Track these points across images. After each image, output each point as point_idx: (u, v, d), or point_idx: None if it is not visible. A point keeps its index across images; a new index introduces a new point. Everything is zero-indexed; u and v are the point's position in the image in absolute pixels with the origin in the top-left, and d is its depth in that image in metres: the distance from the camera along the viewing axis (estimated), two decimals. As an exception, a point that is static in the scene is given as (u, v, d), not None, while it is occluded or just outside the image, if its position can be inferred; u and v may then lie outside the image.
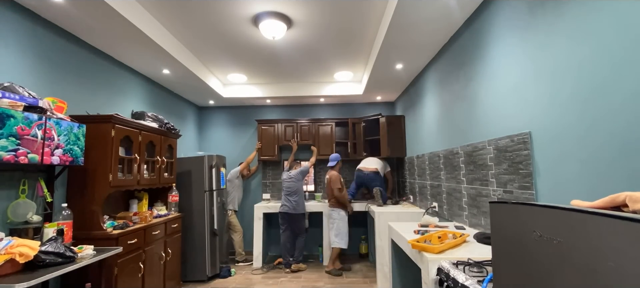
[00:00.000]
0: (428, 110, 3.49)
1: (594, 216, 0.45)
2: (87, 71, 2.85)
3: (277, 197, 5.33)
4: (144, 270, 2.83)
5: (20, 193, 2.13)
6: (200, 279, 3.90)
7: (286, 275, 4.18)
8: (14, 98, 1.89)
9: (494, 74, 2.12)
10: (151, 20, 2.81)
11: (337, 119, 5.15)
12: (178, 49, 3.33)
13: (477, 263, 1.44)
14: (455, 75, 2.75)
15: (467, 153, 2.50)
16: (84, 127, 2.39)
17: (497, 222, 0.70)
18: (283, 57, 3.82)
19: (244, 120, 5.51)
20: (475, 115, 2.39)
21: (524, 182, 1.78)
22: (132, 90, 3.54)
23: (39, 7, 2.26)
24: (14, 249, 1.68)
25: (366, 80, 4.18)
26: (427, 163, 3.54)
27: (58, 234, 2.12)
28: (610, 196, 0.51)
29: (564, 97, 1.48)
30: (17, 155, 1.85)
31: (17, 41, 2.19)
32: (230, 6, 2.68)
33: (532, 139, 1.72)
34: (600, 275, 0.43)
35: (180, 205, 3.77)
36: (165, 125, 3.53)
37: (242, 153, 5.39)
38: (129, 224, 2.77)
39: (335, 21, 2.96)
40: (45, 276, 1.70)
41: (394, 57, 3.30)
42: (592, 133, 1.32)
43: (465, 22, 2.54)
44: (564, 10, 1.48)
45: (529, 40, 1.74)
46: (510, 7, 1.92)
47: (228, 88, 4.89)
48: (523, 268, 0.60)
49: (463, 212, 2.60)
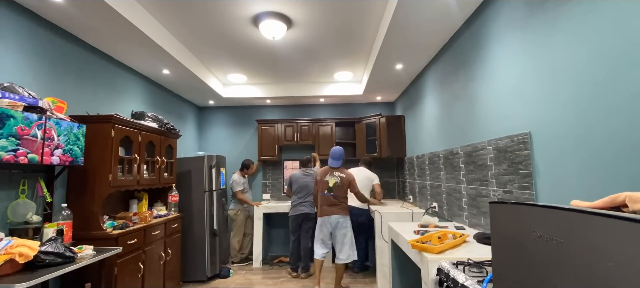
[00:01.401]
0: (428, 110, 3.49)
1: (593, 216, 0.45)
2: (87, 71, 2.85)
3: (277, 197, 5.33)
4: (143, 270, 2.83)
5: (20, 193, 2.13)
6: (200, 279, 3.90)
7: (286, 275, 4.17)
8: (13, 98, 1.89)
9: (493, 74, 2.12)
10: (151, 20, 2.81)
11: (337, 119, 5.15)
12: (178, 49, 3.33)
13: (477, 263, 1.44)
14: (455, 75, 2.75)
15: (467, 154, 2.50)
16: (83, 127, 2.39)
17: (497, 222, 0.70)
18: (283, 57, 3.82)
19: (244, 120, 5.51)
20: (475, 115, 2.39)
21: (524, 182, 1.78)
22: (132, 90, 3.54)
23: (39, 7, 2.26)
24: (14, 249, 1.68)
25: (366, 80, 4.18)
26: (427, 163, 3.54)
27: (58, 234, 2.12)
28: (610, 196, 0.51)
29: (564, 97, 1.48)
30: (17, 155, 1.85)
31: (17, 41, 2.19)
32: (230, 6, 2.68)
33: (531, 139, 1.72)
34: (600, 275, 0.43)
35: (180, 205, 3.77)
36: (165, 125, 3.53)
37: (242, 154, 5.39)
38: (128, 224, 2.77)
39: (335, 21, 2.96)
40: (45, 276, 1.69)
41: (394, 57, 3.30)
42: (592, 133, 1.32)
43: (465, 23, 2.54)
44: (563, 10, 1.48)
45: (529, 40, 1.74)
46: (510, 7, 1.92)
47: (228, 88, 4.89)
48: (523, 269, 0.60)
49: (463, 212, 2.60)
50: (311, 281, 3.90)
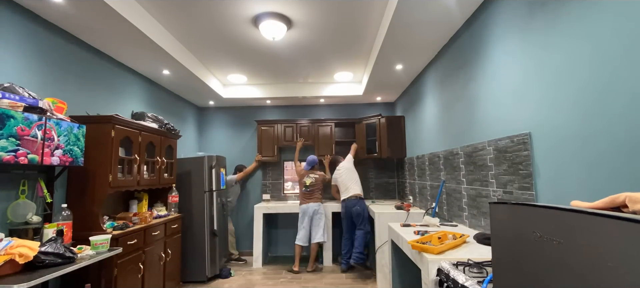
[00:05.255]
0: (428, 110, 3.49)
1: (593, 217, 0.45)
2: (87, 72, 2.85)
3: (277, 198, 5.33)
4: (143, 270, 2.83)
5: (20, 193, 2.13)
6: (200, 280, 3.89)
7: (286, 275, 4.17)
8: (14, 98, 1.89)
9: (493, 74, 2.12)
10: (151, 21, 2.81)
11: (337, 120, 5.16)
12: (178, 50, 3.34)
13: (477, 264, 1.44)
14: (455, 76, 2.75)
15: (467, 154, 2.50)
16: (84, 128, 2.39)
17: (497, 222, 0.70)
18: (283, 57, 3.82)
19: (243, 120, 5.51)
20: (475, 116, 2.39)
21: (524, 182, 1.78)
22: (132, 90, 3.54)
23: (39, 7, 2.26)
24: (14, 250, 1.68)
25: (366, 80, 4.19)
26: (427, 163, 3.54)
27: (58, 235, 2.12)
28: (610, 197, 0.51)
29: (564, 98, 1.48)
30: (17, 156, 1.85)
31: (17, 42, 2.19)
32: (231, 7, 2.68)
33: (531, 139, 1.72)
34: (600, 276, 0.43)
35: (180, 205, 3.77)
36: (165, 125, 3.53)
37: (242, 154, 5.39)
38: (128, 225, 2.77)
39: (335, 22, 2.96)
40: (44, 277, 1.69)
41: (394, 57, 3.31)
42: (592, 133, 1.32)
43: (465, 23, 2.54)
44: (563, 11, 1.48)
45: (529, 41, 1.74)
46: (510, 7, 1.92)
47: (228, 88, 4.89)
48: (523, 269, 0.60)
49: (463, 212, 2.60)
50: (308, 274, 4.28)
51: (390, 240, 2.71)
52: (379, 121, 4.62)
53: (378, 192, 5.23)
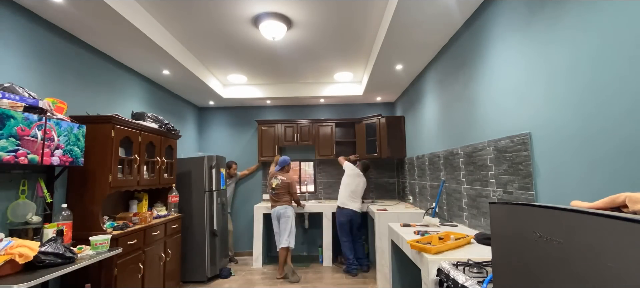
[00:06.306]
0: (428, 110, 3.49)
1: (593, 217, 0.45)
2: (87, 71, 2.85)
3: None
4: (143, 270, 2.83)
5: (20, 193, 2.13)
6: (200, 280, 3.89)
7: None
8: (14, 98, 1.89)
9: (493, 74, 2.12)
10: (151, 21, 2.81)
11: (337, 120, 5.15)
12: (178, 50, 3.34)
13: (477, 264, 1.44)
14: (455, 76, 2.75)
15: (467, 154, 2.50)
16: (84, 128, 2.39)
17: (497, 223, 0.70)
18: (283, 57, 3.82)
19: (244, 120, 5.51)
20: (475, 116, 2.39)
21: (524, 182, 1.78)
22: (132, 90, 3.54)
23: (39, 7, 2.26)
24: (14, 250, 1.68)
25: (366, 80, 4.19)
26: (427, 164, 3.54)
27: (58, 235, 2.12)
28: (610, 197, 0.51)
29: (564, 98, 1.48)
30: (17, 156, 1.85)
31: (17, 41, 2.19)
32: (231, 7, 2.68)
33: (532, 139, 1.72)
34: (600, 276, 0.43)
35: (180, 205, 3.77)
36: (165, 125, 3.53)
37: (242, 154, 5.39)
38: (128, 225, 2.77)
39: (335, 22, 2.96)
40: (44, 277, 1.69)
41: (394, 57, 3.30)
42: (592, 133, 1.32)
43: (465, 23, 2.54)
44: (563, 11, 1.48)
45: (529, 41, 1.74)
46: (510, 7, 1.92)
47: (228, 88, 4.89)
48: (523, 269, 0.60)
49: (463, 212, 2.59)
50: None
51: (391, 240, 2.71)
52: (379, 121, 4.62)
53: (378, 192, 5.23)
